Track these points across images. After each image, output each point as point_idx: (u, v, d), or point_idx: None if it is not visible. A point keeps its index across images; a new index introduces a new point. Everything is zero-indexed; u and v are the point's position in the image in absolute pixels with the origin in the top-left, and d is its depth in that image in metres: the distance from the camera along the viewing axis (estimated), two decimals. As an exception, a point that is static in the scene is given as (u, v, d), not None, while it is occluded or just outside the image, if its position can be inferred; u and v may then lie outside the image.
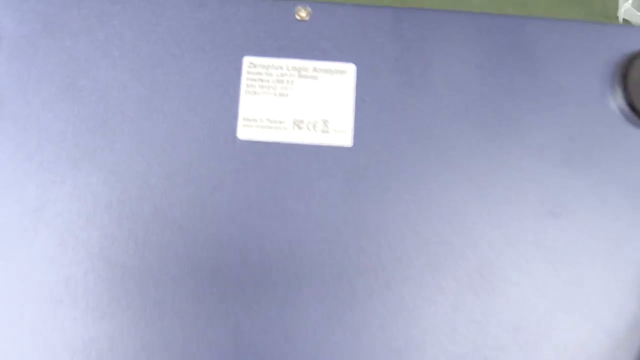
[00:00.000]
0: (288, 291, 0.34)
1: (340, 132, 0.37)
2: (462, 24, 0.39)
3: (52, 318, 0.33)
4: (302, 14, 0.38)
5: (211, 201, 0.36)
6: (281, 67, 0.37)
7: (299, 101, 0.37)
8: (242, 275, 0.35)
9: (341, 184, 0.36)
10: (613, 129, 0.38)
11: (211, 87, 0.37)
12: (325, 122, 0.37)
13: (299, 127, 0.37)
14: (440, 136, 0.37)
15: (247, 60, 0.38)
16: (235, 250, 0.35)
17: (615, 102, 0.38)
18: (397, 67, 0.37)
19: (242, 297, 0.34)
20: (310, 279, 0.35)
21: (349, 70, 0.37)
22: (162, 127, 0.37)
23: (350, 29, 0.38)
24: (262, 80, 0.37)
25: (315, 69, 0.37)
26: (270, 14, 0.38)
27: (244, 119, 0.37)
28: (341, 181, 0.36)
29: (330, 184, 0.36)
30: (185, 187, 0.36)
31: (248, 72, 0.38)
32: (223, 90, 0.37)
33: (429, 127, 0.37)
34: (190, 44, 0.38)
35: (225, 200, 0.36)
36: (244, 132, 0.37)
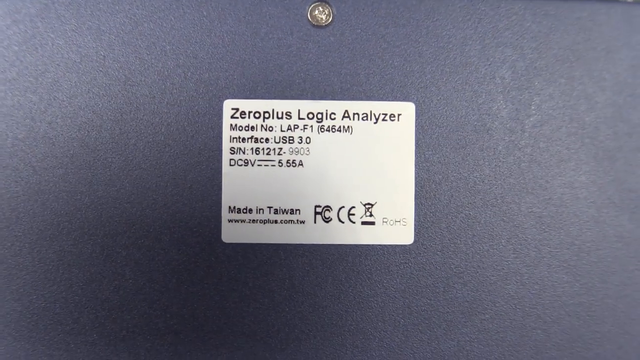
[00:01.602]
0: None
1: (394, 222, 0.20)
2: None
3: None
4: (320, 15, 0.20)
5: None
6: (289, 115, 0.20)
7: (322, 173, 0.20)
8: None
9: (398, 314, 0.20)
10: None
11: (180, 155, 0.20)
12: (368, 206, 0.20)
13: (325, 218, 0.20)
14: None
15: (228, 106, 0.20)
16: None
17: None
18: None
19: None
20: None
21: (406, 111, 0.20)
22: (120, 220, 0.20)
23: (402, 36, 0.21)
24: (255, 140, 0.20)
25: (347, 115, 0.20)
26: (264, 19, 0.20)
27: (230, 209, 0.20)
28: (397, 308, 0.20)
29: (378, 314, 0.20)
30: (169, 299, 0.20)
31: (232, 127, 0.20)
32: (195, 160, 0.20)
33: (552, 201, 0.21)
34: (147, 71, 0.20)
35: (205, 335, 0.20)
36: (231, 232, 0.20)
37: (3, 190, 0.21)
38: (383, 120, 0.21)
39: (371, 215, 0.21)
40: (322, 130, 0.21)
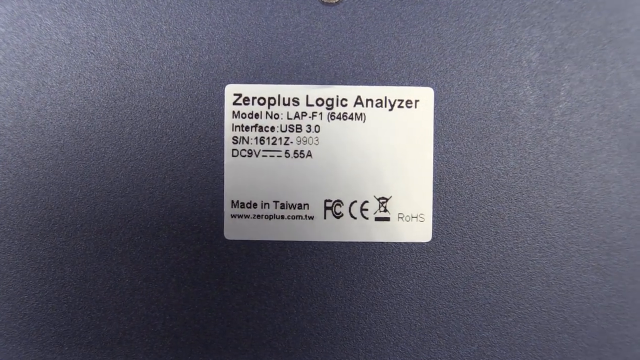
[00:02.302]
0: None
1: (411, 218, 0.18)
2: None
3: None
4: (329, -8, 0.18)
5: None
6: (296, 101, 0.18)
7: (332, 165, 0.18)
8: None
9: (414, 316, 0.19)
10: None
11: (179, 145, 0.18)
12: (383, 200, 0.18)
13: (335, 214, 0.18)
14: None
15: (230, 91, 0.18)
16: None
17: None
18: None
19: None
20: None
21: (424, 97, 0.18)
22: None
23: (420, 15, 0.18)
24: (260, 129, 0.18)
25: (359, 101, 0.18)
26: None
27: (233, 204, 0.18)
28: (414, 310, 0.18)
29: (393, 317, 0.19)
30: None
31: (234, 115, 0.18)
32: (195, 150, 0.18)
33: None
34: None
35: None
36: (234, 229, 0.18)
37: (-10, 183, 0.19)
38: (399, 107, 0.19)
39: (386, 210, 0.19)
40: (333, 117, 0.18)
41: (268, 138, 0.19)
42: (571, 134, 0.19)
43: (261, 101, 0.19)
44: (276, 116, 0.19)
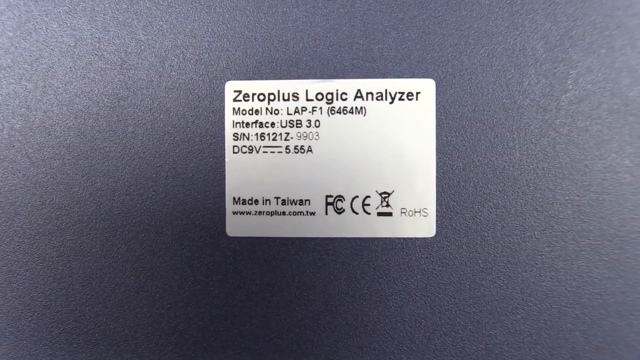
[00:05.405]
0: None
1: (414, 213, 0.16)
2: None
3: None
4: (327, -13, 0.17)
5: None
6: (296, 96, 0.17)
7: (333, 160, 0.16)
8: None
9: (419, 314, 0.17)
10: None
11: (180, 143, 0.17)
12: (385, 195, 0.16)
13: (337, 209, 0.16)
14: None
15: (230, 88, 0.17)
16: None
17: None
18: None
19: None
20: None
21: (425, 89, 0.16)
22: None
23: (420, 5, 0.17)
24: (260, 125, 0.17)
25: (360, 95, 0.16)
26: (266, -7, 0.17)
27: (235, 200, 0.17)
28: (418, 307, 0.17)
29: (397, 314, 0.17)
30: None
31: (235, 111, 0.17)
32: (196, 147, 0.17)
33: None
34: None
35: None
36: (236, 225, 0.17)
37: (1, 184, 0.18)
38: (400, 99, 0.17)
39: (388, 205, 0.17)
40: (333, 112, 0.17)
41: (268, 134, 0.17)
42: (579, 123, 0.17)
43: (261, 97, 0.17)
44: (276, 112, 0.17)
